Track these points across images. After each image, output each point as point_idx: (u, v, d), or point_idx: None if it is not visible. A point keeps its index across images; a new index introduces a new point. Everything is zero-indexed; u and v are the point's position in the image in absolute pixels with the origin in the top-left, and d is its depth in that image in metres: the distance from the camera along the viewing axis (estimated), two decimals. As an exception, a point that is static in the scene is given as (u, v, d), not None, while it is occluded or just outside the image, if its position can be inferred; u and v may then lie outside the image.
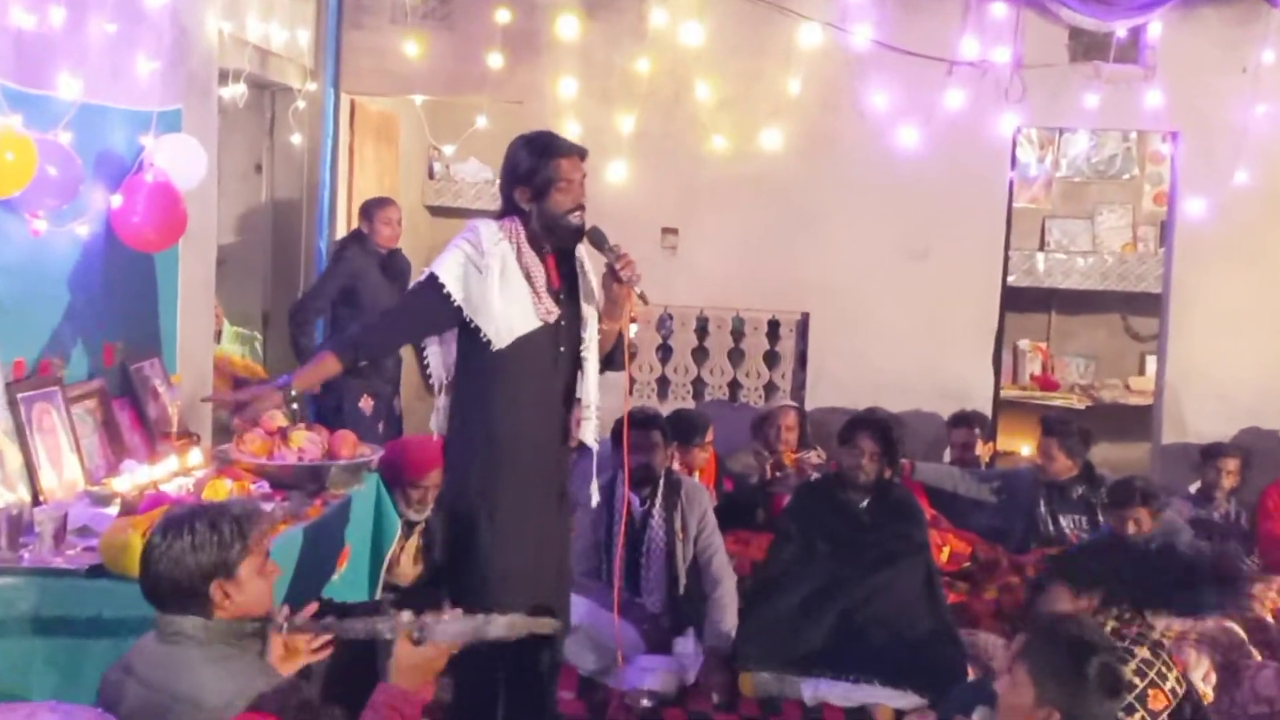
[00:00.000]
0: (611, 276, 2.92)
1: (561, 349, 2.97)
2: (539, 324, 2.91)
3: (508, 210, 2.95)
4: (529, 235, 2.91)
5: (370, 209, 5.53)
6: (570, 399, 3.01)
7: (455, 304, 2.86)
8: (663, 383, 6.36)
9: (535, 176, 2.89)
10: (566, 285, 2.98)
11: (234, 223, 6.10)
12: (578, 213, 2.95)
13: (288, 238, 6.34)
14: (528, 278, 2.89)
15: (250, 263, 6.17)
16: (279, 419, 3.45)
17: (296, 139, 6.36)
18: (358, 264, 5.35)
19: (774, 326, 6.29)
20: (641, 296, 2.93)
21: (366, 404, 5.41)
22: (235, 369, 5.27)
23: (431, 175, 7.79)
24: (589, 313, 2.99)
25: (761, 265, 6.13)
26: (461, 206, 7.66)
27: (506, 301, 2.85)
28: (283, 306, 5.98)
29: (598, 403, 3.00)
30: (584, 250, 3.03)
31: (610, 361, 3.08)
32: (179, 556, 2.13)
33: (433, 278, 2.87)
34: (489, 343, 2.87)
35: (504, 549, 2.92)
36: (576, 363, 2.99)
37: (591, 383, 2.99)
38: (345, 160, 6.31)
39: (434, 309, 2.86)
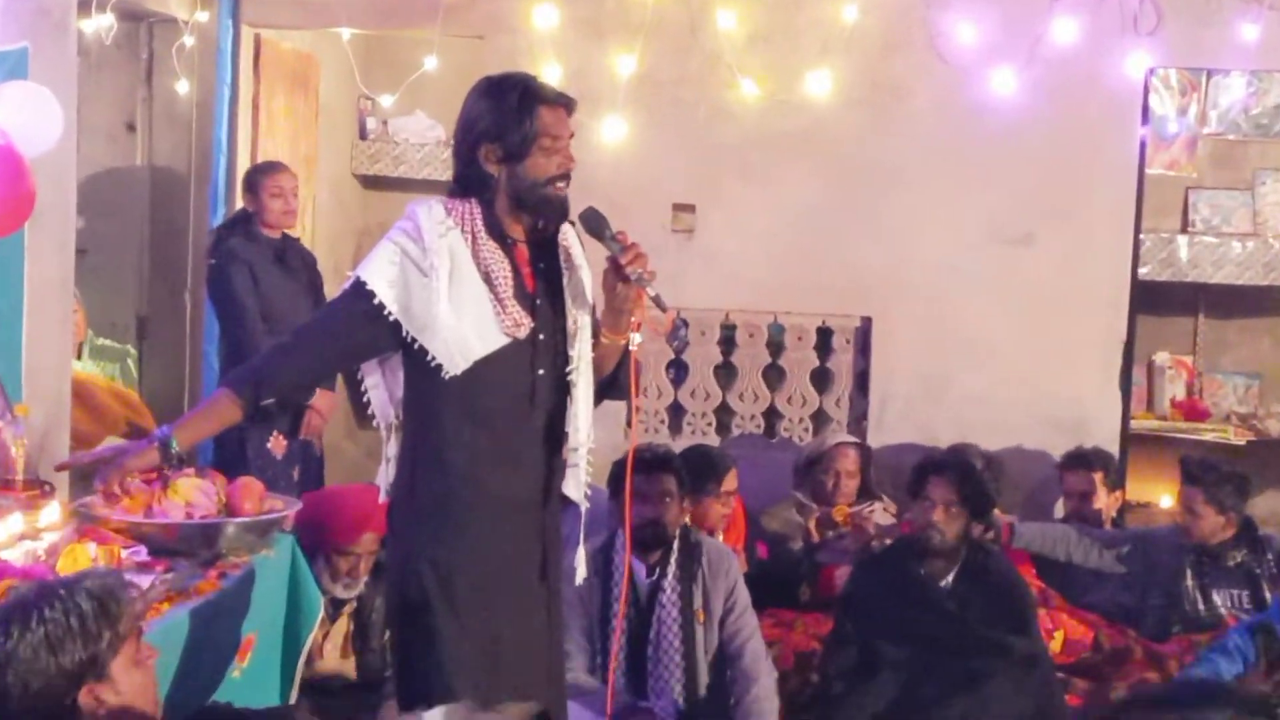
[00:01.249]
0: (615, 274, 2.93)
1: (540, 372, 2.96)
2: (505, 341, 2.91)
3: (464, 183, 2.96)
4: (489, 220, 2.93)
5: (254, 179, 5.58)
6: (556, 438, 3.01)
7: (391, 318, 2.86)
8: (675, 412, 6.39)
9: (508, 131, 2.91)
10: (546, 286, 2.98)
11: (99, 200, 6.13)
12: (562, 183, 2.96)
13: (170, 219, 6.39)
14: (487, 279, 2.89)
15: (121, 252, 6.22)
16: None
17: (183, 87, 6.40)
18: (246, 256, 5.39)
19: (825, 336, 6.31)
20: (657, 301, 2.93)
21: (278, 443, 5.43)
22: (100, 396, 5.27)
23: (364, 135, 7.82)
24: (579, 322, 2.99)
25: (807, 254, 6.16)
26: (404, 176, 7.68)
27: (458, 313, 2.86)
28: (164, 309, 6.03)
29: (590, 442, 3.00)
30: (572, 236, 3.03)
31: (612, 386, 3.07)
32: (32, 659, 2.10)
33: (359, 284, 2.87)
34: (439, 368, 2.88)
35: (467, 638, 2.92)
36: (563, 389, 2.99)
37: (583, 416, 2.98)
38: (247, 116, 6.33)
39: (363, 326, 2.87)
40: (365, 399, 3.06)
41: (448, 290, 2.84)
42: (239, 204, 6.10)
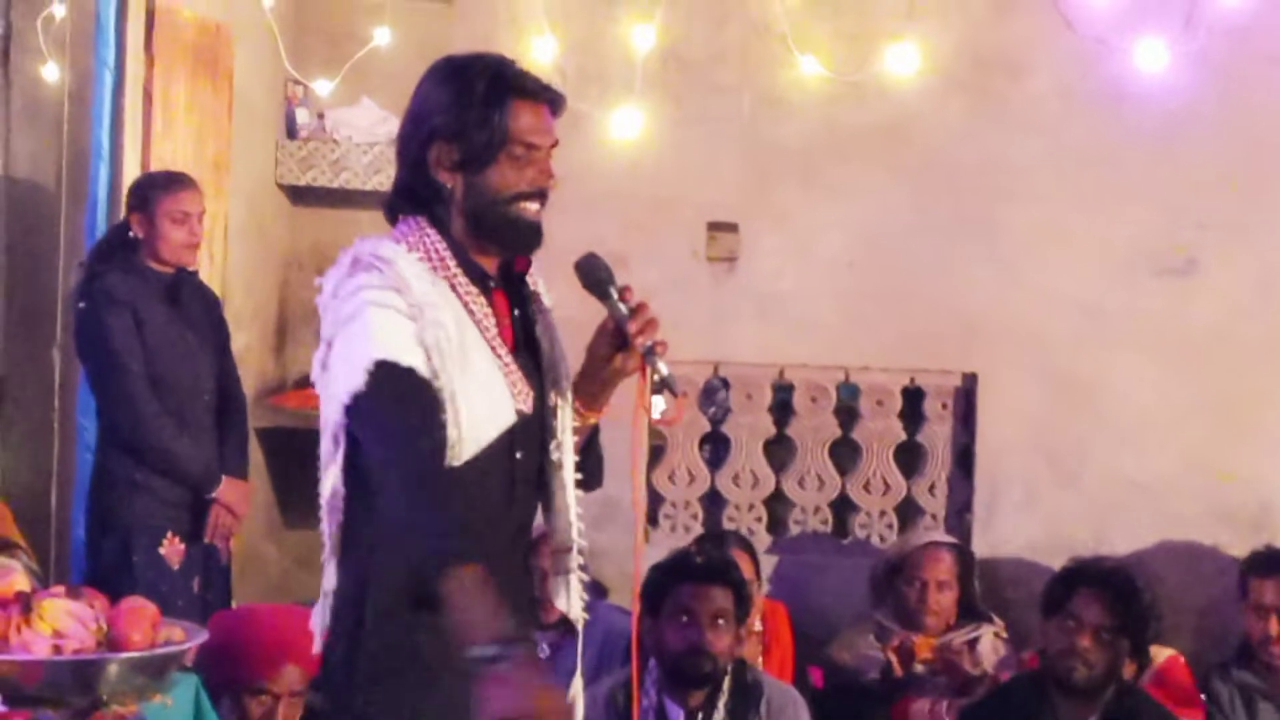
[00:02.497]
0: (612, 341, 2.99)
1: (519, 455, 2.99)
2: (513, 418, 2.93)
3: (407, 195, 2.99)
4: (457, 252, 2.94)
5: (147, 196, 5.50)
6: (523, 538, 3.05)
7: (438, 388, 2.84)
8: (713, 503, 6.36)
9: (469, 129, 2.93)
10: (523, 341, 3.03)
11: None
12: (533, 203, 2.97)
13: (34, 249, 6.36)
14: (485, 337, 2.92)
15: (-35, 294, 6.21)
16: (18, 581, 3.42)
17: (50, 73, 6.39)
18: (126, 296, 5.37)
19: (914, 400, 6.29)
20: (665, 384, 2.95)
21: (173, 549, 5.40)
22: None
23: (292, 133, 7.79)
24: (560, 387, 3.03)
25: (889, 289, 6.14)
26: (346, 187, 7.60)
27: (472, 384, 2.87)
28: (25, 368, 5.99)
29: (582, 540, 3.07)
30: (537, 275, 3.07)
31: (586, 474, 3.11)
32: None
33: (387, 368, 2.82)
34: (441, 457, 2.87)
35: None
36: (541, 476, 3.04)
37: (570, 507, 3.04)
38: (137, 110, 6.30)
39: (436, 412, 2.84)
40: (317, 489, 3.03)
41: (460, 357, 2.86)
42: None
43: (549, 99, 2.98)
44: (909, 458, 6.31)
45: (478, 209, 2.94)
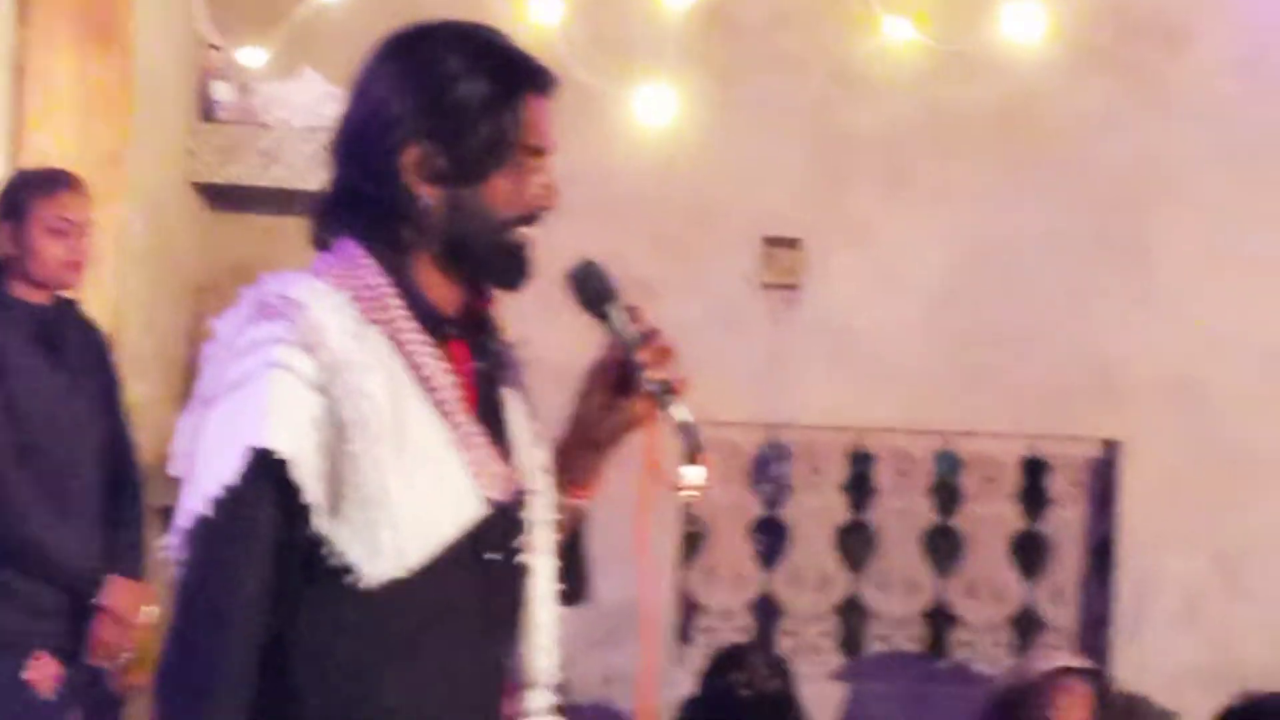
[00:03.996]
0: (610, 377, 3.00)
1: (488, 557, 2.95)
2: (480, 512, 2.90)
3: (359, 211, 2.96)
4: (412, 295, 2.94)
5: (18, 200, 5.53)
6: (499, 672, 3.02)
7: (303, 502, 2.82)
8: (765, 613, 6.34)
9: (465, 130, 2.94)
10: (484, 403, 2.99)
11: None
12: (533, 226, 2.98)
13: None
14: (436, 402, 2.91)
15: None
16: None
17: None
18: None
19: (1035, 475, 6.30)
20: (686, 434, 2.91)
21: (43, 672, 5.33)
22: None
23: (209, 114, 7.79)
24: (533, 463, 3.01)
25: (1003, 330, 6.15)
26: (280, 186, 7.61)
27: (415, 470, 2.87)
28: None
29: (556, 673, 3.03)
30: (508, 322, 3.04)
31: (570, 583, 3.09)
32: None
33: (260, 457, 2.80)
34: (354, 579, 2.82)
35: None
36: (517, 588, 3.01)
37: (543, 627, 3.02)
38: (6, 87, 6.31)
39: (268, 535, 2.83)
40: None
41: (393, 441, 2.85)
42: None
43: (550, 84, 3.01)
44: (1028, 553, 6.33)
45: (466, 233, 2.93)
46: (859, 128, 6.18)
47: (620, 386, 2.95)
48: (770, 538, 6.31)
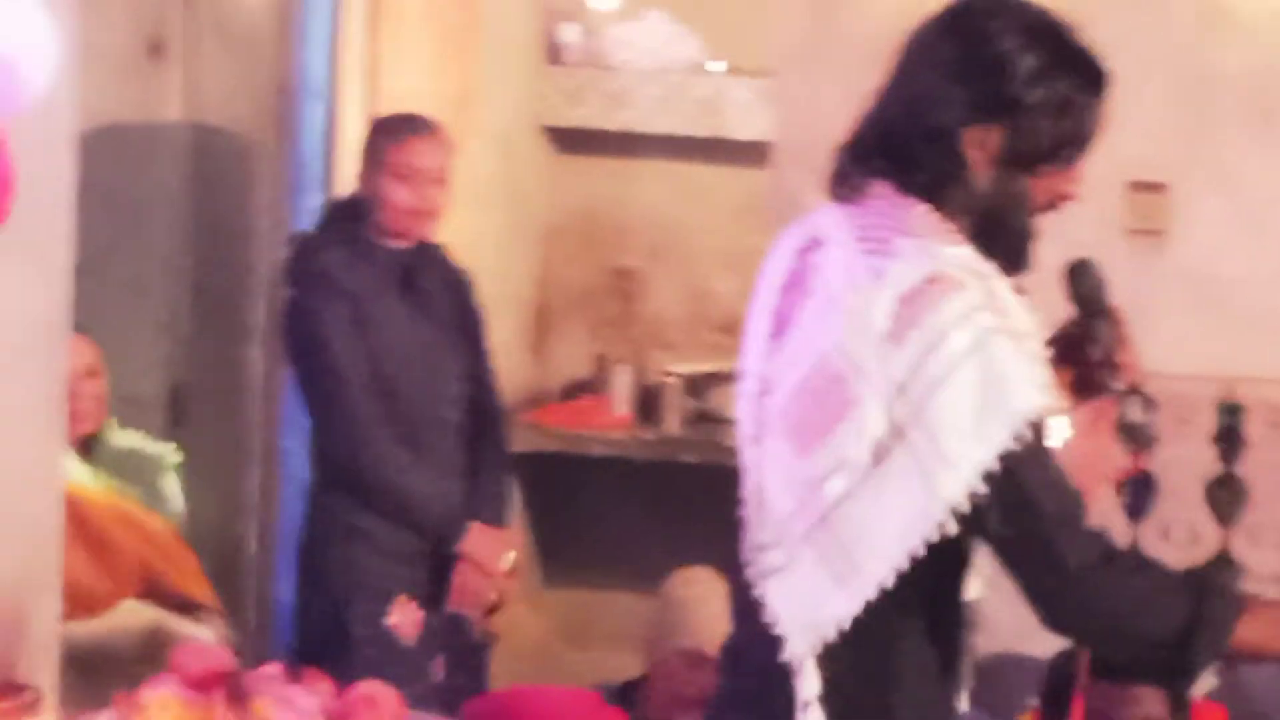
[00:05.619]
0: (1068, 367, 3.25)
1: None
2: None
3: (909, 181, 3.09)
4: None
5: (372, 145, 5.65)
6: None
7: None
8: None
9: (1040, 124, 3.07)
10: None
11: (109, 175, 6.19)
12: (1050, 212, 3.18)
13: (226, 216, 6.47)
14: None
15: (142, 274, 6.29)
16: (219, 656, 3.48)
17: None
18: (348, 282, 5.47)
19: None
20: (1135, 433, 3.44)
21: (405, 614, 5.46)
22: (101, 523, 5.32)
23: (558, 58, 7.86)
24: None
25: None
26: (627, 130, 7.70)
27: None
28: (216, 373, 6.17)
29: None
30: None
31: None
32: None
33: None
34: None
35: None
36: None
37: None
38: (360, 30, 6.38)
39: None
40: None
41: None
42: (346, 174, 6.12)
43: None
44: None
45: (1005, 212, 3.11)
46: (1227, 68, 6.10)
47: (1079, 375, 3.21)
48: (1136, 490, 6.17)
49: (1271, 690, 5.86)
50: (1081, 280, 3.25)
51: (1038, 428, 2.95)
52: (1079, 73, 3.14)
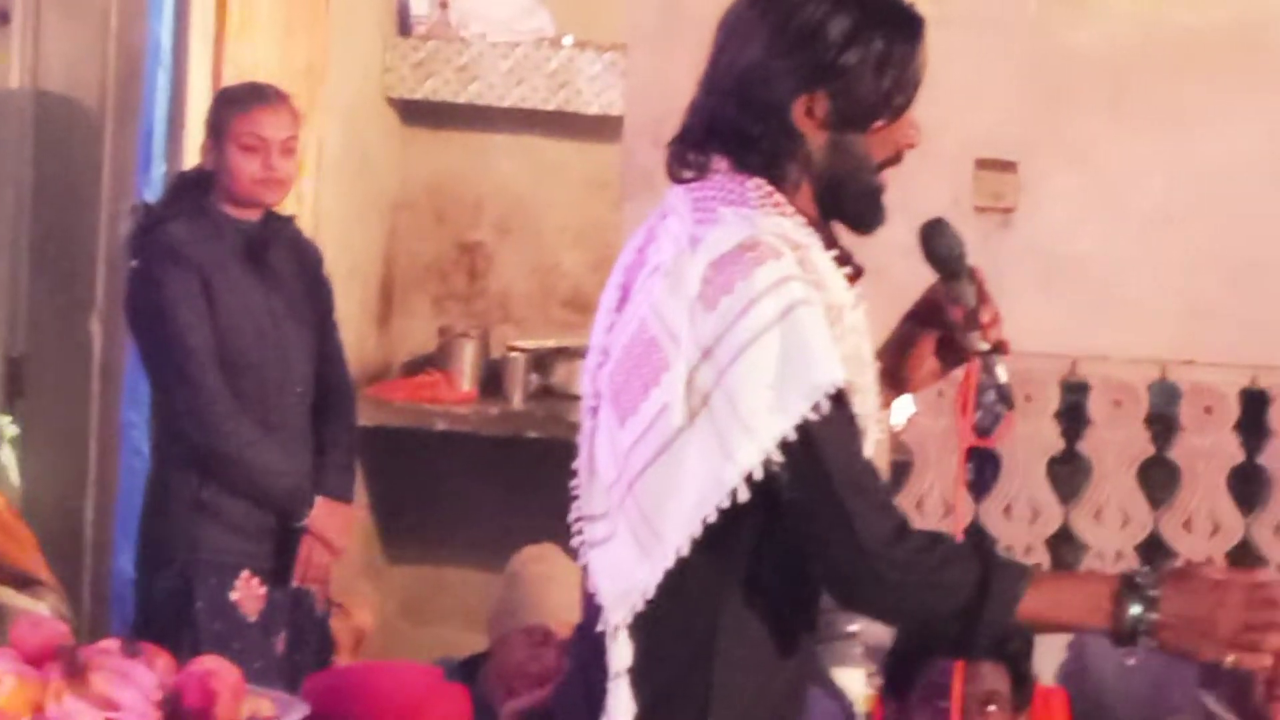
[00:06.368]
0: (933, 329, 3.36)
1: None
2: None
3: (745, 158, 3.15)
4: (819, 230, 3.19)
5: (217, 114, 5.63)
6: None
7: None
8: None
9: (869, 83, 3.12)
10: None
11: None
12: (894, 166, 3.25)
13: (70, 183, 6.45)
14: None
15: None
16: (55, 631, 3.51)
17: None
18: (194, 253, 5.46)
19: (1255, 407, 6.21)
20: (1001, 394, 3.29)
21: (249, 593, 5.49)
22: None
23: (406, 29, 7.84)
24: None
25: (1228, 257, 6.06)
26: (476, 103, 7.70)
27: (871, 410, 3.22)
28: (56, 345, 6.12)
29: None
30: None
31: None
32: None
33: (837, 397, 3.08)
34: None
35: None
36: None
37: None
38: (208, 1, 6.35)
39: None
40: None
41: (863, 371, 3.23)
42: (191, 145, 6.10)
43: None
44: (1247, 486, 6.24)
45: (844, 174, 3.16)
46: (1078, 46, 6.11)
47: (943, 339, 3.28)
48: (981, 466, 6.25)
49: (1114, 675, 5.95)
50: (938, 241, 3.28)
51: (839, 400, 3.01)
52: (892, 24, 3.15)
